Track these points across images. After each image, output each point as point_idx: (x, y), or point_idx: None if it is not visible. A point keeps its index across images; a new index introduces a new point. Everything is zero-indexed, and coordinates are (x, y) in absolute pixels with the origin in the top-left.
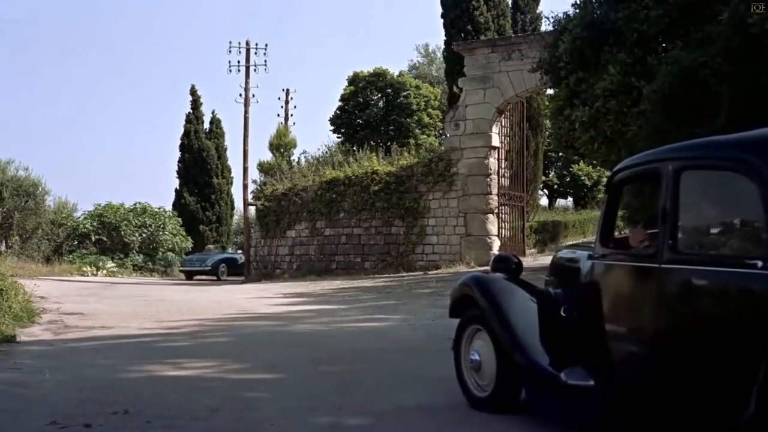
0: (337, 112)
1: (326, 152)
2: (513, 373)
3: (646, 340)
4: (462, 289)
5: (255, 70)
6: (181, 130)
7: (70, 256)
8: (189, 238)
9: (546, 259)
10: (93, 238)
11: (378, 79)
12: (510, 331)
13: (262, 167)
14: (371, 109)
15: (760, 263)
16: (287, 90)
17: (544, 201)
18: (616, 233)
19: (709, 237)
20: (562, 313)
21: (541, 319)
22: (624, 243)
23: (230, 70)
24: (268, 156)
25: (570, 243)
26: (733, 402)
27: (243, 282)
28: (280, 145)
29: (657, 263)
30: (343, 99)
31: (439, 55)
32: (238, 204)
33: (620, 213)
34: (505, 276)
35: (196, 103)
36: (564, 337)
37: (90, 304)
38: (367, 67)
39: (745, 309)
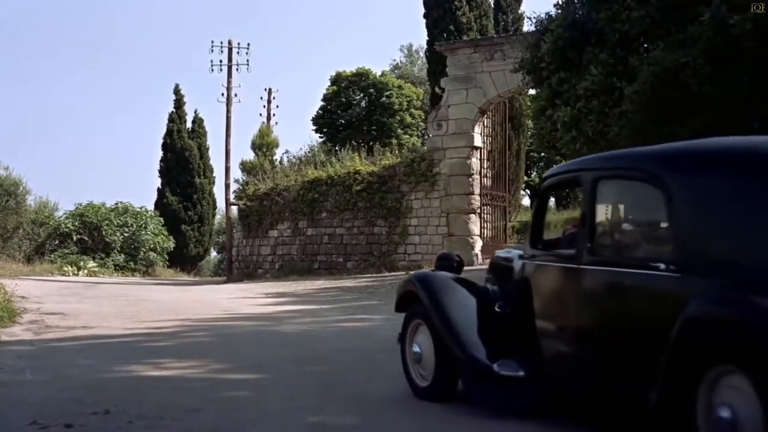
0: (320, 111)
1: (309, 152)
2: (451, 365)
3: (570, 334)
4: (406, 285)
5: (237, 69)
6: (164, 130)
7: (52, 255)
8: (171, 237)
9: None
10: (74, 238)
11: (360, 79)
12: (448, 325)
13: (245, 167)
14: (354, 109)
15: (662, 266)
16: (269, 89)
17: (526, 201)
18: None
19: (622, 241)
20: (497, 309)
21: (478, 314)
22: (552, 244)
23: (212, 70)
24: (250, 155)
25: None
26: (640, 390)
27: (225, 282)
28: (263, 144)
29: (577, 264)
30: (325, 99)
31: (422, 55)
32: (221, 204)
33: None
34: (447, 274)
35: (179, 103)
36: (498, 331)
37: (71, 304)
38: (349, 67)
39: (650, 307)
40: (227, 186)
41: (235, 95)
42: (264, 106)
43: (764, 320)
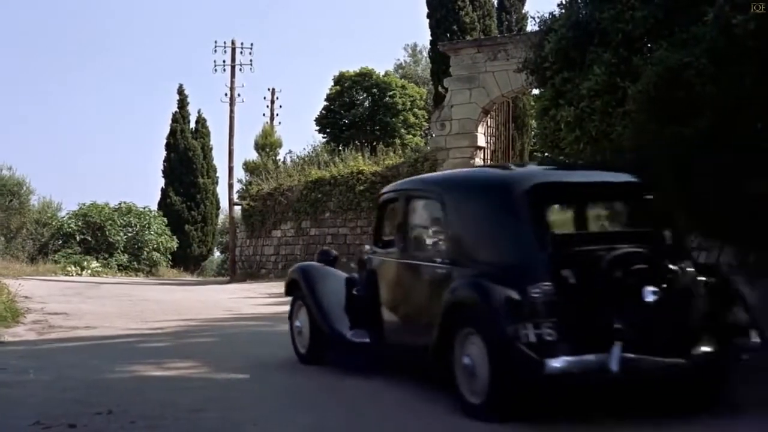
0: (323, 111)
1: (312, 152)
2: (320, 336)
3: (396, 308)
4: (291, 274)
5: (240, 69)
6: (167, 130)
7: (55, 255)
8: (174, 237)
9: None
10: (78, 238)
11: (364, 79)
12: (318, 306)
13: (248, 167)
14: (357, 109)
15: (439, 260)
16: (273, 90)
17: None
18: None
19: (420, 242)
20: (355, 292)
21: (345, 297)
22: (387, 243)
23: (216, 70)
24: (253, 156)
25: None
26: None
27: (228, 282)
28: (266, 144)
29: (397, 258)
30: (328, 99)
31: (425, 55)
32: (224, 204)
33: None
34: (323, 265)
35: (183, 103)
36: (355, 309)
37: (74, 304)
38: (352, 67)
39: (435, 288)
40: (230, 186)
41: (239, 95)
42: (267, 106)
43: (488, 298)
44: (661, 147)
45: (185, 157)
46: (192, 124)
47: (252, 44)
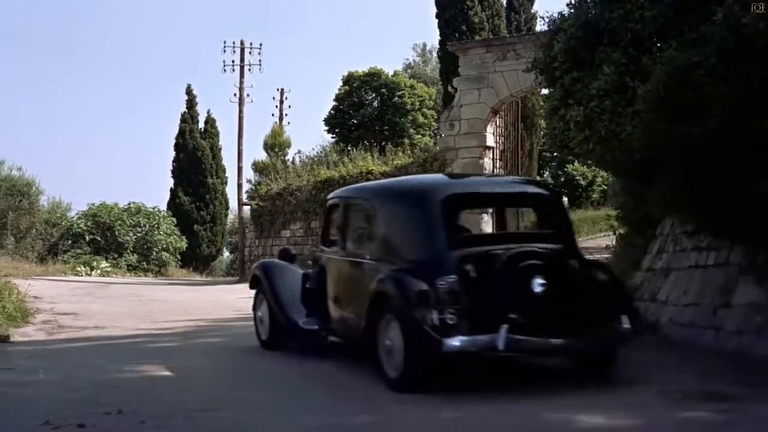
0: (332, 111)
1: (321, 152)
2: (278, 325)
3: (339, 298)
4: (253, 270)
5: (249, 69)
6: (176, 130)
7: (65, 256)
8: (183, 238)
9: None
10: (87, 238)
11: (373, 79)
12: (276, 298)
13: (257, 167)
14: (366, 109)
15: (368, 257)
16: (282, 90)
17: None
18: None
19: (356, 242)
20: (307, 286)
21: (300, 290)
22: (332, 242)
23: (225, 70)
24: (262, 156)
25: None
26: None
27: (237, 282)
28: (275, 144)
29: (339, 256)
30: (337, 99)
31: (434, 55)
32: (233, 204)
33: (615, 213)
34: (282, 262)
35: (191, 103)
36: (307, 301)
37: (84, 304)
38: (361, 67)
39: (366, 281)
40: (239, 186)
41: (248, 95)
42: (276, 107)
43: (402, 289)
44: (670, 147)
45: (194, 157)
46: (201, 125)
47: (261, 44)
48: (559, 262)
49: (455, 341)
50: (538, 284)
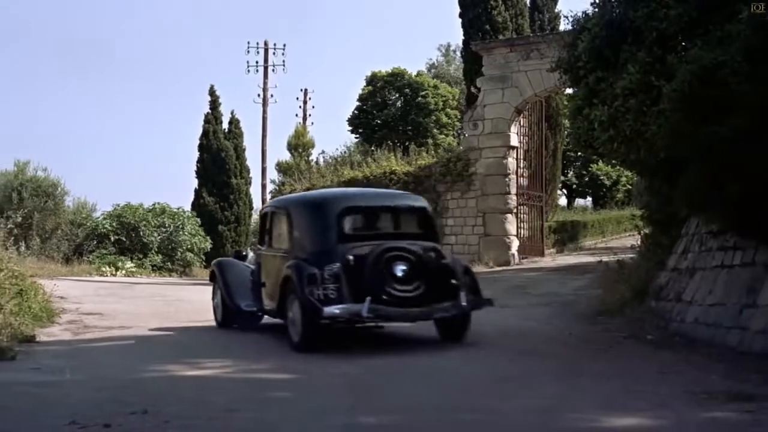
0: (356, 112)
1: (344, 152)
2: (228, 309)
3: (268, 284)
4: (211, 267)
5: (273, 70)
6: (200, 131)
7: (90, 256)
8: (208, 238)
9: (564, 259)
10: (112, 239)
11: (396, 79)
12: (226, 288)
13: (281, 167)
14: (389, 109)
15: (283, 250)
16: (305, 90)
17: (563, 201)
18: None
19: (278, 240)
20: (250, 277)
21: (245, 281)
22: (264, 242)
23: (248, 71)
24: (286, 156)
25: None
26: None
27: None
28: (299, 145)
29: (266, 252)
30: (361, 99)
31: (458, 54)
32: (257, 204)
33: (640, 213)
34: (234, 260)
35: (215, 104)
36: (249, 289)
37: (109, 304)
38: (385, 67)
39: (280, 269)
40: (263, 186)
41: (271, 96)
42: (300, 107)
43: (300, 274)
44: (695, 146)
45: (218, 157)
46: (225, 125)
47: (285, 45)
48: (418, 254)
49: (333, 309)
50: (400, 270)
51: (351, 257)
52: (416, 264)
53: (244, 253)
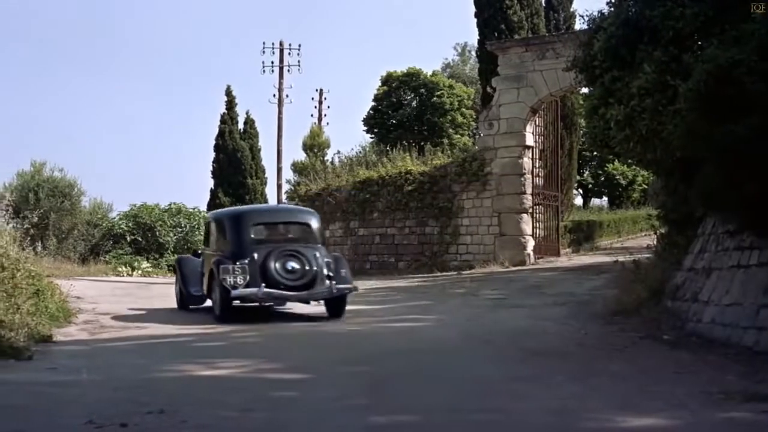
0: (371, 112)
1: (360, 152)
2: (183, 294)
3: (205, 275)
4: (174, 262)
5: (288, 70)
6: (216, 131)
7: (106, 256)
8: None
9: (580, 259)
10: (128, 239)
11: (411, 79)
12: (183, 278)
13: (296, 167)
14: (405, 109)
15: (215, 251)
16: (321, 90)
17: (578, 200)
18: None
19: (213, 242)
20: (200, 269)
21: (197, 273)
22: (205, 243)
23: (264, 71)
24: (301, 156)
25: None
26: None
27: None
28: (314, 145)
29: (206, 250)
30: (376, 99)
31: (473, 54)
32: (272, 204)
33: (656, 213)
34: (191, 257)
35: (231, 104)
36: (199, 279)
37: (125, 304)
38: (400, 67)
39: (211, 264)
40: (279, 186)
41: (287, 96)
42: (315, 107)
43: (219, 266)
44: (712, 145)
45: (234, 158)
46: (240, 125)
47: (300, 45)
48: (304, 254)
49: (237, 291)
50: (290, 265)
51: (256, 255)
52: (302, 261)
53: (199, 252)
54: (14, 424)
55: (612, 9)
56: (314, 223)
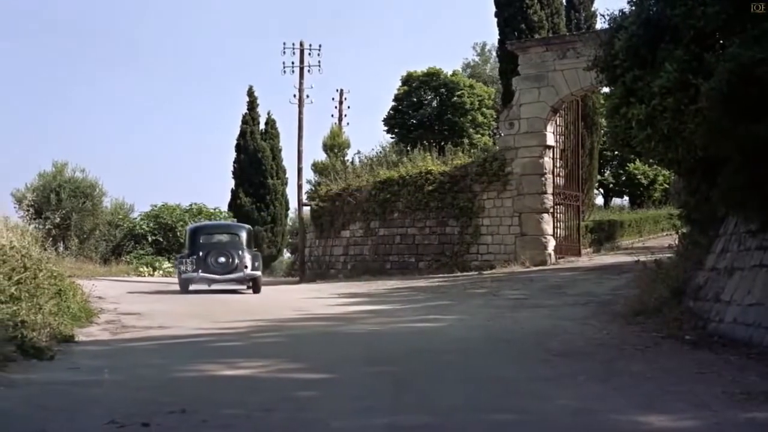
0: (391, 112)
1: (380, 152)
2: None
3: None
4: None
5: (309, 70)
6: (237, 131)
7: (127, 256)
8: None
9: (601, 259)
10: (149, 239)
11: (432, 79)
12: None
13: (317, 167)
14: (425, 109)
15: (184, 251)
16: (341, 90)
17: (599, 200)
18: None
19: (185, 247)
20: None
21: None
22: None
23: (284, 71)
24: (322, 156)
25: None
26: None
27: (297, 282)
28: (334, 145)
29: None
30: (396, 99)
31: (494, 54)
32: (293, 204)
33: (677, 212)
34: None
35: (252, 104)
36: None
37: (147, 304)
38: (420, 67)
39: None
40: (300, 187)
41: (307, 96)
42: (335, 107)
43: (179, 261)
44: (734, 145)
45: (255, 158)
46: (262, 126)
47: (320, 45)
48: (231, 253)
49: (187, 275)
50: (220, 259)
51: (201, 253)
52: (229, 256)
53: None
54: (36, 423)
55: (633, 8)
56: (243, 234)
